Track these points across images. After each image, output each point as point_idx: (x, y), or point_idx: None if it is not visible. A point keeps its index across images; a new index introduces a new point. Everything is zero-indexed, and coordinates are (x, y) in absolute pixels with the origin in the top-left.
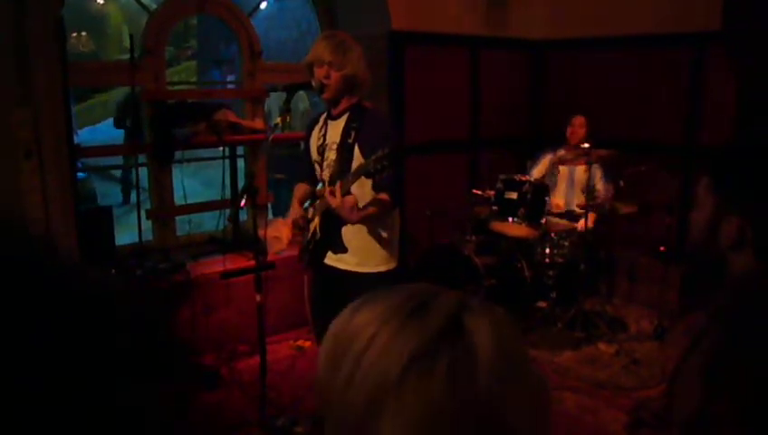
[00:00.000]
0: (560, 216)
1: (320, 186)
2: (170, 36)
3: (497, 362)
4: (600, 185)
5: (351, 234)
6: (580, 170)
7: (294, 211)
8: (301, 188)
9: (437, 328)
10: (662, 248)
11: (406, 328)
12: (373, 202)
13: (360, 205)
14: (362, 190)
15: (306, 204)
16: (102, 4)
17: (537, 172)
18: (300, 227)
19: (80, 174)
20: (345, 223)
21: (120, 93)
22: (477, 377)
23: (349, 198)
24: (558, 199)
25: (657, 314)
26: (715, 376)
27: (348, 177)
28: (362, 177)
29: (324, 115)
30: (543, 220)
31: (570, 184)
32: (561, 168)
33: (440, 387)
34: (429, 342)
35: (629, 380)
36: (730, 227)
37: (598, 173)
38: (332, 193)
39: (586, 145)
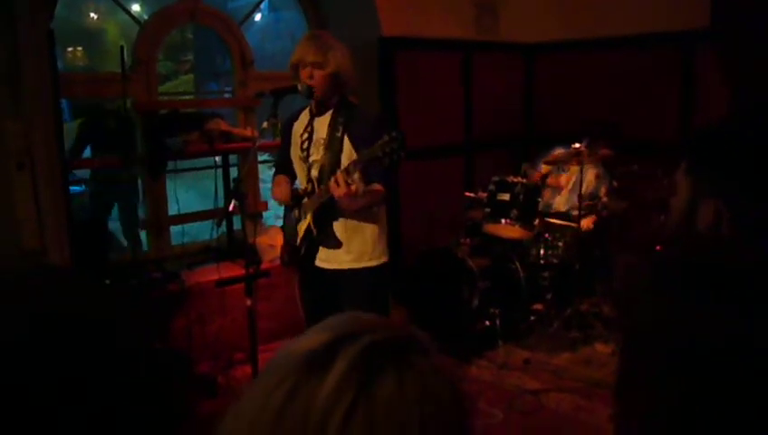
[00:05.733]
0: (557, 216)
1: (296, 184)
2: (164, 48)
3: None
4: (603, 189)
5: (344, 229)
6: (591, 174)
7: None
8: (282, 180)
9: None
10: (658, 248)
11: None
12: (367, 192)
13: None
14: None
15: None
16: (99, 20)
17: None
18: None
19: (76, 187)
20: (337, 218)
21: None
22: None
23: (352, 186)
24: (559, 200)
25: None
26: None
27: (351, 165)
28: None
29: (307, 111)
30: (536, 221)
31: (576, 186)
32: (572, 168)
33: None
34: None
35: None
36: (707, 210)
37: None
38: (337, 182)
39: (578, 145)
